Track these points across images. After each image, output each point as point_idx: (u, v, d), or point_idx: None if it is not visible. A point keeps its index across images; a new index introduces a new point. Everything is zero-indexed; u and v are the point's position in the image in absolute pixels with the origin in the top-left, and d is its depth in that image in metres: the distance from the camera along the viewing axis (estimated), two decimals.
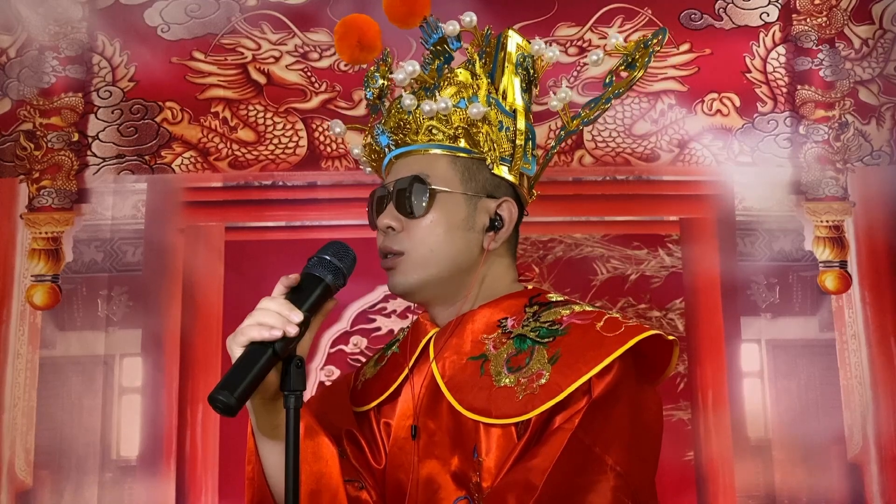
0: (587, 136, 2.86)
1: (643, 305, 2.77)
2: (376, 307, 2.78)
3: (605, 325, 1.29)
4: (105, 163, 2.85)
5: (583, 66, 2.87)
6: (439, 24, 1.43)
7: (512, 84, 1.43)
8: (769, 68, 2.91)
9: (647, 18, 2.92)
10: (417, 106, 1.39)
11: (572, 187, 2.86)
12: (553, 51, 1.47)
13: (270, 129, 2.88)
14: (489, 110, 1.38)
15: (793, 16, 2.93)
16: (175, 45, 2.91)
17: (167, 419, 2.71)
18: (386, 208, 1.39)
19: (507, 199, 1.40)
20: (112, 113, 2.88)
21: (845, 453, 2.70)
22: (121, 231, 2.81)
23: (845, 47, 2.91)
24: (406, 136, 1.41)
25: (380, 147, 1.45)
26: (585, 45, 2.91)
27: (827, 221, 2.83)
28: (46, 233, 2.81)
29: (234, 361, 1.14)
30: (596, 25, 2.93)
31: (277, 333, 1.13)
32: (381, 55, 1.47)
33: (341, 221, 2.81)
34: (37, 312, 2.77)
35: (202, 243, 2.82)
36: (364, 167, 1.54)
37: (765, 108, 2.88)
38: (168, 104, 2.89)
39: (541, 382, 1.26)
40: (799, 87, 2.89)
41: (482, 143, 1.38)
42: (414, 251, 1.36)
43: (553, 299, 1.39)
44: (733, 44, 2.91)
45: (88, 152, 2.86)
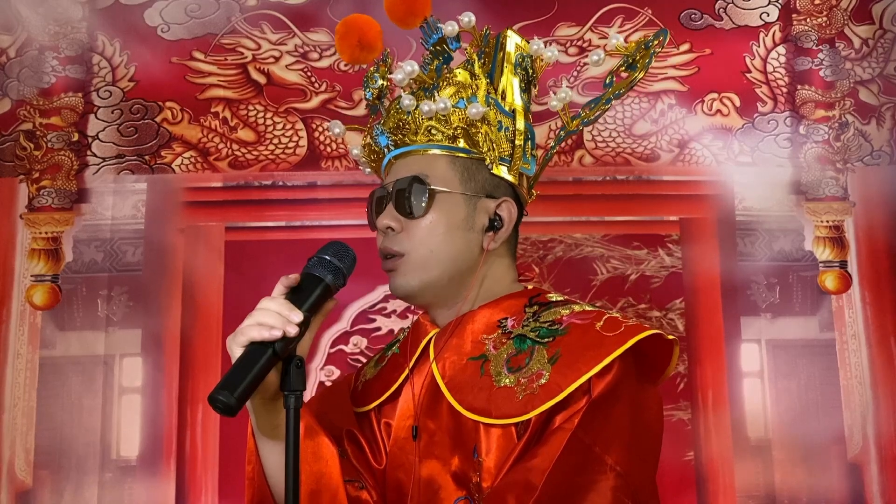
0: (587, 136, 2.86)
1: (643, 305, 2.77)
2: (376, 307, 2.78)
3: (604, 325, 1.29)
4: (105, 163, 2.85)
5: (583, 66, 2.88)
6: (439, 24, 1.43)
7: (511, 84, 1.43)
8: (769, 68, 2.90)
9: (647, 18, 2.92)
10: (416, 106, 1.39)
11: (572, 187, 2.86)
12: (552, 51, 1.47)
13: (270, 129, 2.88)
14: (488, 110, 1.38)
15: (793, 16, 2.93)
16: (175, 45, 2.91)
17: (167, 419, 2.71)
18: (385, 209, 1.39)
19: (507, 199, 1.40)
20: (112, 113, 2.88)
21: (845, 453, 2.70)
22: (121, 231, 2.81)
23: (845, 47, 2.91)
24: (405, 136, 1.41)
25: (379, 147, 1.45)
26: (585, 45, 2.91)
27: (827, 221, 2.83)
28: (46, 233, 2.81)
29: (234, 361, 1.14)
30: (596, 25, 2.93)
31: (277, 333, 1.13)
32: (381, 55, 1.47)
33: (341, 221, 2.81)
34: (37, 312, 2.77)
35: (202, 243, 2.82)
36: (363, 168, 1.54)
37: (765, 108, 2.88)
38: (168, 104, 2.89)
39: (541, 382, 1.26)
40: (799, 87, 2.89)
41: (481, 143, 1.38)
42: (414, 252, 1.36)
43: (553, 299, 1.39)
44: (733, 44, 2.91)
45: (88, 152, 2.86)
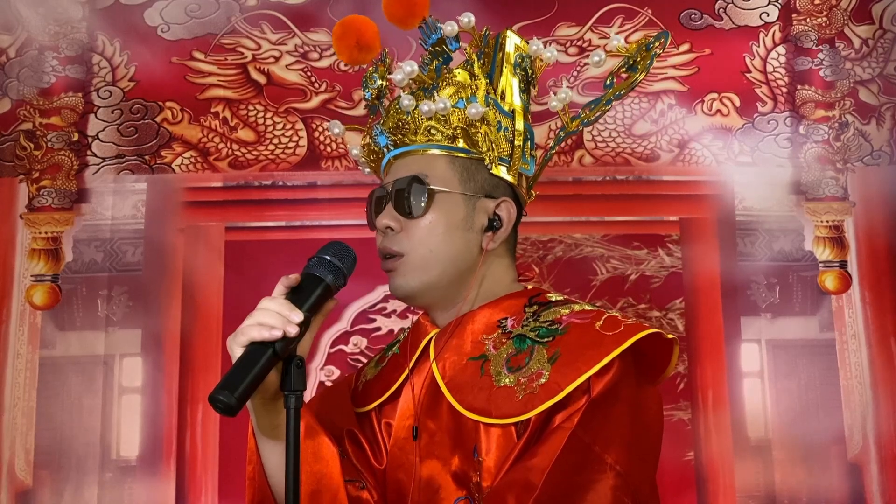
0: (587, 136, 2.86)
1: (643, 305, 2.77)
2: (376, 307, 2.78)
3: (604, 324, 1.29)
4: (105, 163, 2.85)
5: (583, 67, 2.87)
6: (438, 24, 1.43)
7: (510, 84, 1.43)
8: (769, 68, 2.90)
9: (647, 18, 2.92)
10: (416, 106, 1.39)
11: (572, 187, 2.86)
12: (551, 51, 1.47)
13: (270, 129, 2.88)
14: (487, 110, 1.38)
15: (793, 16, 2.93)
16: (175, 45, 2.91)
17: (167, 419, 2.71)
18: (385, 209, 1.39)
19: (506, 199, 1.40)
20: (112, 113, 2.88)
21: (845, 453, 2.69)
22: (121, 231, 2.81)
23: (845, 47, 2.91)
24: (405, 136, 1.41)
25: (378, 147, 1.45)
26: (585, 45, 2.91)
27: (827, 221, 2.83)
28: (46, 233, 2.81)
29: (234, 361, 1.14)
30: (596, 25, 2.93)
31: (278, 333, 1.13)
32: (380, 56, 1.47)
33: (341, 221, 2.81)
34: (37, 312, 2.77)
35: (202, 243, 2.82)
36: (363, 168, 1.54)
37: (765, 108, 2.88)
38: (168, 104, 2.89)
39: (540, 382, 1.26)
40: (799, 87, 2.89)
41: (481, 143, 1.38)
42: (413, 252, 1.36)
43: (552, 299, 1.39)
44: (733, 44, 2.91)
45: (88, 152, 2.86)
